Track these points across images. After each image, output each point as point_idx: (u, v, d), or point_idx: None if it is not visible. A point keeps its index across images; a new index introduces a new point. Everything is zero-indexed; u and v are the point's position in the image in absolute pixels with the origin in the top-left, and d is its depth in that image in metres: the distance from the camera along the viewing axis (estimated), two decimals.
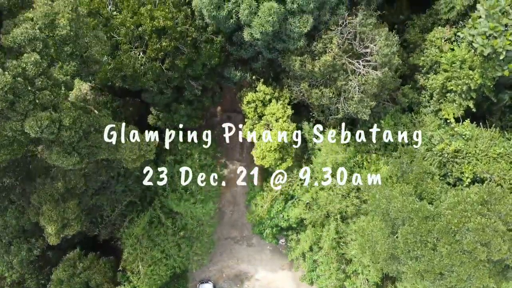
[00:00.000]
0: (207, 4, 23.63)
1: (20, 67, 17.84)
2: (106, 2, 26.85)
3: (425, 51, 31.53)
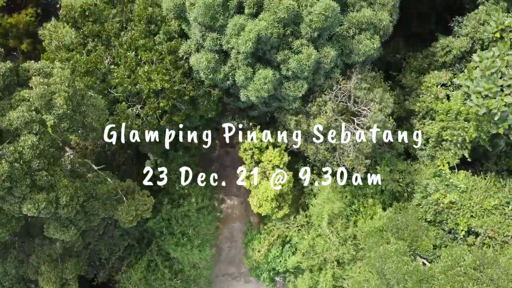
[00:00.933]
0: (203, 67, 23.70)
1: (17, 152, 17.98)
2: (104, 56, 26.93)
3: (421, 96, 31.67)
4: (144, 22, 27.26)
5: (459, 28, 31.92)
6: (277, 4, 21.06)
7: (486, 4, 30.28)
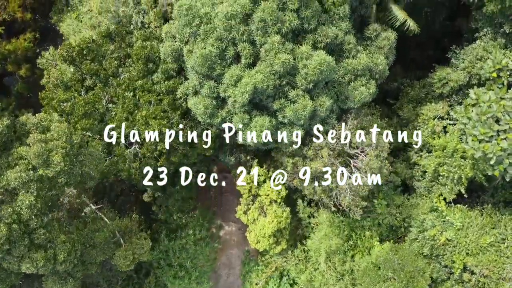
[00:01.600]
0: (201, 112, 23.82)
1: (15, 213, 18.14)
2: (102, 95, 27.04)
3: (418, 128, 31.77)
4: (142, 62, 27.34)
5: (456, 60, 32.03)
6: (273, 57, 21.14)
7: (483, 39, 30.34)
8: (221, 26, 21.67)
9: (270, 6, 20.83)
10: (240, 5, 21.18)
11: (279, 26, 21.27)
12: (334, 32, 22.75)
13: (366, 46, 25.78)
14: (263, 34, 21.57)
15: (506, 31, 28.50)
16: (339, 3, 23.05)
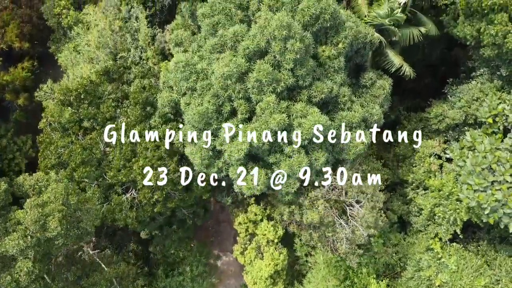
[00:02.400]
0: (198, 163, 23.97)
1: (14, 280, 18.33)
2: (98, 139, 27.16)
3: (414, 166, 31.93)
4: (140, 106, 27.44)
5: (452, 97, 32.17)
6: (268, 116, 21.25)
7: (480, 79, 30.43)
8: (218, 85, 21.77)
9: (265, 68, 20.92)
10: (236, 65, 21.27)
11: (274, 86, 21.36)
12: (329, 86, 22.84)
13: (361, 93, 25.88)
14: (258, 92, 21.67)
15: (503, 74, 28.58)
16: (334, 57, 23.12)
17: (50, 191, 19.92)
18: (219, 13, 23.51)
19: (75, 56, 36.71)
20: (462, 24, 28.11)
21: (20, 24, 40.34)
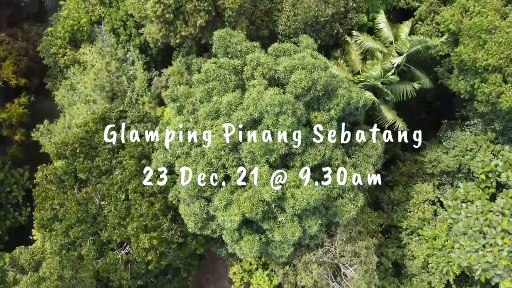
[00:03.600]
0: (192, 226, 24.20)
1: None
2: (94, 194, 27.34)
3: (409, 211, 32.14)
4: (135, 161, 27.59)
5: (445, 141, 32.40)
6: (262, 187, 21.44)
7: (473, 129, 30.58)
8: (212, 155, 21.95)
9: (258, 141, 21.09)
10: (229, 136, 21.44)
11: (267, 157, 21.54)
12: (321, 152, 23.00)
13: (354, 151, 26.02)
14: (251, 162, 21.85)
15: (497, 128, 28.72)
16: (326, 121, 23.26)
17: (46, 265, 20.14)
18: (213, 79, 23.65)
19: (71, 95, 36.80)
20: (456, 78, 28.23)
21: (16, 59, 40.54)
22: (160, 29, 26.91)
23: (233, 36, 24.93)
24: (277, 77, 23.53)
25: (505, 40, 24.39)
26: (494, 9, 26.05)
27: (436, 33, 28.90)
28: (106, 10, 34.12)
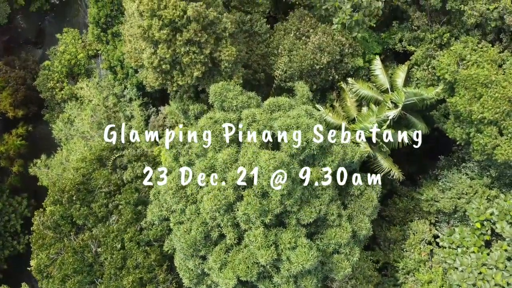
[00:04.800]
0: (187, 282, 24.32)
1: None
2: (90, 243, 27.46)
3: (406, 250, 32.26)
4: (131, 208, 27.70)
5: (441, 181, 32.47)
6: (256, 250, 21.50)
7: (469, 173, 30.63)
8: (207, 216, 22.04)
9: (253, 203, 21.16)
10: (224, 197, 21.51)
11: (262, 219, 21.62)
12: (317, 209, 23.06)
13: (350, 201, 26.08)
14: (246, 222, 21.93)
15: (492, 175, 28.78)
16: (321, 176, 23.32)
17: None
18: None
19: (69, 128, 36.88)
20: (452, 125, 28.28)
21: (14, 89, 40.56)
22: (157, 78, 26.89)
23: (229, 91, 24.95)
24: (273, 133, 23.56)
25: (501, 95, 24.42)
26: (491, 59, 26.07)
27: (432, 78, 28.86)
28: (103, 47, 34.12)
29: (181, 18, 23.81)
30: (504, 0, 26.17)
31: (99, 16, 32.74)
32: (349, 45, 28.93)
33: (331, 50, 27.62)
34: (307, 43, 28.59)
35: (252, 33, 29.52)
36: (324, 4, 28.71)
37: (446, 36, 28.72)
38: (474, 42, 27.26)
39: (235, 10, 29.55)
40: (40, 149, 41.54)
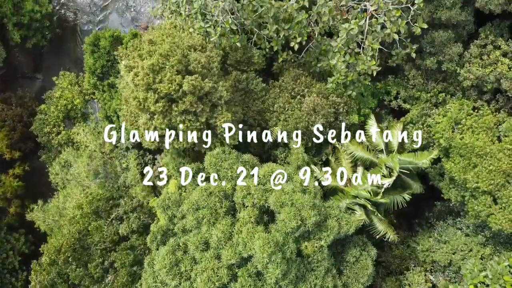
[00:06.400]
0: None
1: None
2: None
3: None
4: (126, 270, 27.84)
5: (437, 232, 32.62)
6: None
7: (464, 228, 30.74)
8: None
9: (248, 286, 21.31)
10: (218, 278, 21.68)
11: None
12: (312, 283, 23.24)
13: (345, 267, 26.23)
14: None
15: (487, 235, 28.93)
16: (317, 250, 23.47)
17: None
18: (203, 208, 23.78)
19: (65, 173, 36.90)
20: (447, 186, 28.36)
21: (11, 127, 40.50)
22: (153, 141, 26.90)
23: (224, 160, 25.01)
24: (267, 207, 23.66)
25: (495, 168, 24.47)
26: (486, 126, 26.10)
27: (427, 137, 28.87)
28: (100, 95, 34.07)
29: (177, 91, 23.81)
30: (501, 66, 26.14)
31: (95, 67, 32.68)
32: (344, 104, 28.94)
33: (326, 112, 27.64)
34: (302, 103, 28.58)
35: (248, 90, 29.50)
36: (318, 62, 28.70)
37: (441, 95, 28.74)
38: (469, 106, 27.31)
39: (231, 68, 29.50)
40: (37, 184, 41.68)
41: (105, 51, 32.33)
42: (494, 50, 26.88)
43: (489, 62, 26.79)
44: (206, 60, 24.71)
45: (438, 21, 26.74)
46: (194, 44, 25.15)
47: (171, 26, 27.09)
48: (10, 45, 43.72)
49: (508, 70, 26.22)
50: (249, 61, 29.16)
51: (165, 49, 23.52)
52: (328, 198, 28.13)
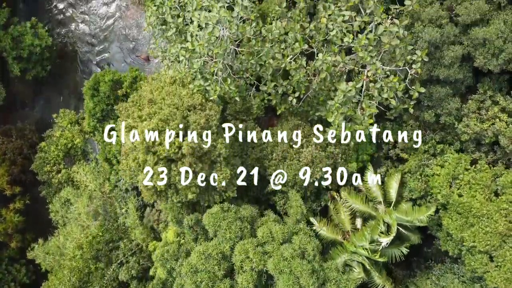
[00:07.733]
0: None
1: None
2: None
3: None
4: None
5: (435, 276, 32.79)
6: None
7: (461, 276, 30.94)
8: None
9: None
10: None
11: None
12: None
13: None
14: None
15: (483, 286, 29.10)
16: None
17: None
18: (201, 271, 23.98)
19: (66, 211, 37.08)
20: (445, 238, 28.51)
21: (11, 161, 40.58)
22: (152, 195, 27.07)
23: (222, 220, 25.19)
24: (265, 271, 23.87)
25: (492, 230, 24.62)
26: (484, 184, 26.20)
27: (425, 188, 28.98)
28: (100, 137, 34.14)
29: (176, 153, 23.95)
30: (499, 123, 26.21)
31: (95, 111, 32.77)
32: (342, 153, 29.06)
33: (324, 165, 27.77)
34: (300, 153, 28.68)
35: (246, 139, 29.60)
36: (316, 111, 28.75)
37: (439, 146, 28.85)
38: (467, 161, 27.40)
39: (230, 117, 29.61)
40: (38, 216, 41.81)
41: (105, 96, 32.39)
42: (492, 105, 26.94)
43: (487, 117, 26.87)
44: (205, 120, 24.83)
45: (436, 78, 26.80)
46: (194, 103, 25.25)
47: (171, 80, 27.15)
48: (10, 77, 43.84)
49: (506, 127, 26.30)
50: (248, 111, 29.26)
51: (165, 114, 23.62)
52: (327, 251, 28.34)
